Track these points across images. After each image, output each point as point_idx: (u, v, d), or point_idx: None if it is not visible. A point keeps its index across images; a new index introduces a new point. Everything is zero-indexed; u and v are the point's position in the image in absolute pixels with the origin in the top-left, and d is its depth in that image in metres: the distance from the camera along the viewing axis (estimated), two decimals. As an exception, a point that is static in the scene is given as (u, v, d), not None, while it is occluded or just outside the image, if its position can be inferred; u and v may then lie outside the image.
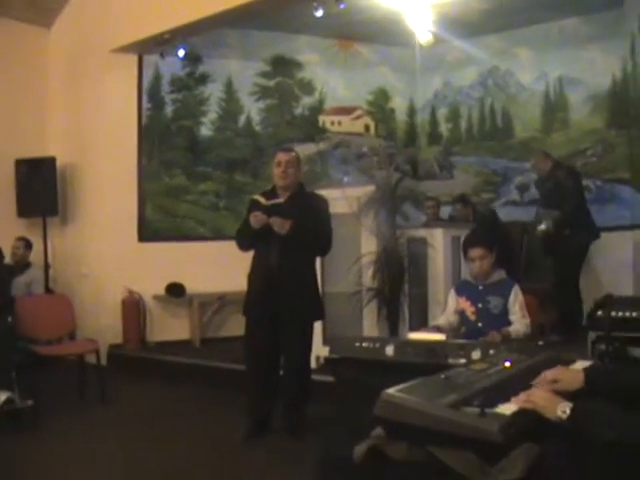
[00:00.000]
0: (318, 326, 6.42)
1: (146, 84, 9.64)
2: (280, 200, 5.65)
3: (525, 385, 2.74)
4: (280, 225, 5.47)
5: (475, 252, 5.27)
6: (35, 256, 8.90)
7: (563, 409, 2.46)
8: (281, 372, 5.82)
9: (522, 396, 2.60)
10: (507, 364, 3.11)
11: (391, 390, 2.54)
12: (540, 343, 3.92)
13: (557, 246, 7.82)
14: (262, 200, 5.65)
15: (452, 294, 5.51)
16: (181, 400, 7.35)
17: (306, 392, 5.76)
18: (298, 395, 5.76)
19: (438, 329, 5.15)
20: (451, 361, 3.81)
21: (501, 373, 2.97)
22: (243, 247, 5.79)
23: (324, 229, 5.74)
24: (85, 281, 9.37)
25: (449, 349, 3.93)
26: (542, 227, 7.79)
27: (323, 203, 5.89)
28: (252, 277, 5.77)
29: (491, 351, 3.69)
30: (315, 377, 5.95)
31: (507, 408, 2.51)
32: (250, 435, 5.72)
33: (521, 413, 2.49)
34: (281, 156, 5.73)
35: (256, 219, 5.50)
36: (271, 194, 5.77)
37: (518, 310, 5.21)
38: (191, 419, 6.58)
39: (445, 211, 9.61)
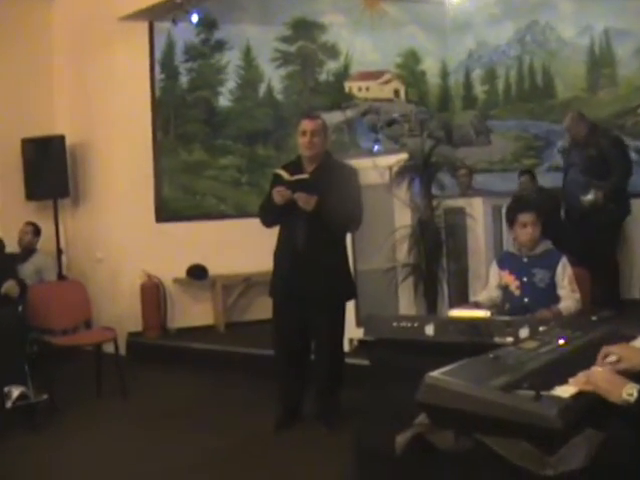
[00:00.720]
0: (350, 306, 6.38)
1: (158, 53, 9.55)
2: (305, 175, 5.54)
3: (583, 364, 2.63)
4: (305, 201, 5.38)
5: (527, 217, 5.21)
6: (46, 241, 8.89)
7: (630, 391, 2.33)
8: (312, 356, 5.75)
9: (581, 377, 2.48)
10: (561, 341, 3.02)
11: (435, 373, 2.46)
12: (594, 318, 3.81)
13: (598, 218, 7.70)
14: (285, 175, 5.55)
15: (494, 267, 5.45)
16: (206, 389, 7.32)
17: (339, 377, 5.71)
18: (331, 381, 5.70)
19: (478, 306, 5.10)
20: (497, 340, 3.75)
21: (555, 352, 2.88)
22: (267, 223, 5.74)
23: (354, 203, 5.65)
24: (100, 266, 9.35)
25: (494, 327, 3.87)
26: (589, 197, 7.69)
27: (352, 174, 5.79)
28: (277, 256, 5.72)
29: (541, 328, 3.60)
30: (349, 361, 5.93)
31: (565, 390, 2.40)
32: (281, 424, 5.71)
33: (581, 396, 2.38)
34: (306, 124, 5.62)
35: (279, 194, 5.41)
36: (296, 165, 5.68)
37: (567, 284, 5.15)
38: (217, 409, 6.55)
39: (481, 180, 9.48)
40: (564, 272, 5.16)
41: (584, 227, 7.84)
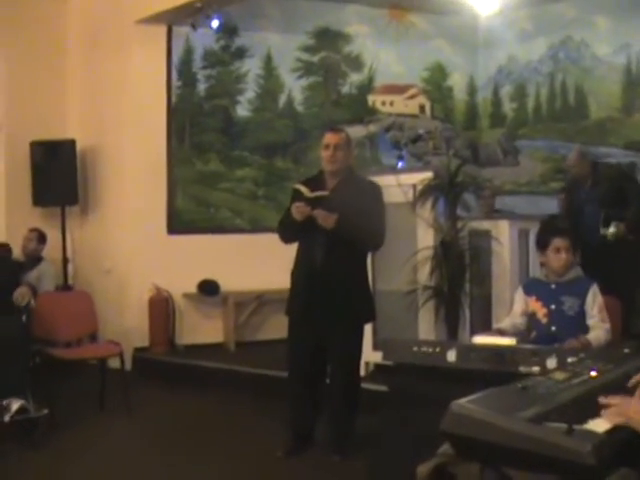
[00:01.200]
0: (368, 329, 6.35)
1: (176, 59, 9.58)
2: (325, 193, 5.51)
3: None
4: (324, 219, 5.36)
5: (561, 241, 5.15)
6: (53, 249, 8.90)
7: None
8: (327, 380, 5.71)
9: (613, 408, 2.43)
10: (593, 373, 2.96)
11: (461, 401, 2.41)
12: (626, 350, 3.76)
13: (617, 250, 7.76)
14: (305, 191, 5.52)
15: (519, 293, 5.40)
16: (214, 410, 7.28)
17: (355, 403, 5.66)
18: (346, 406, 5.66)
19: (501, 333, 5.03)
20: (523, 369, 3.71)
21: (587, 384, 2.82)
22: (285, 239, 5.74)
23: (376, 221, 5.62)
24: (108, 277, 9.33)
25: (520, 355, 3.82)
26: (612, 230, 7.71)
27: (376, 191, 5.77)
28: (295, 273, 5.70)
29: (569, 359, 3.56)
30: (365, 386, 5.87)
31: (599, 425, 2.35)
32: (291, 450, 5.66)
33: (617, 431, 2.32)
34: (329, 137, 5.61)
35: (298, 210, 5.39)
36: (317, 180, 5.66)
37: (597, 313, 5.09)
38: (225, 432, 6.51)
39: (508, 202, 9.44)
40: (594, 300, 5.10)
41: (604, 261, 7.86)
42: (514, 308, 5.41)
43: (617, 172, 8.26)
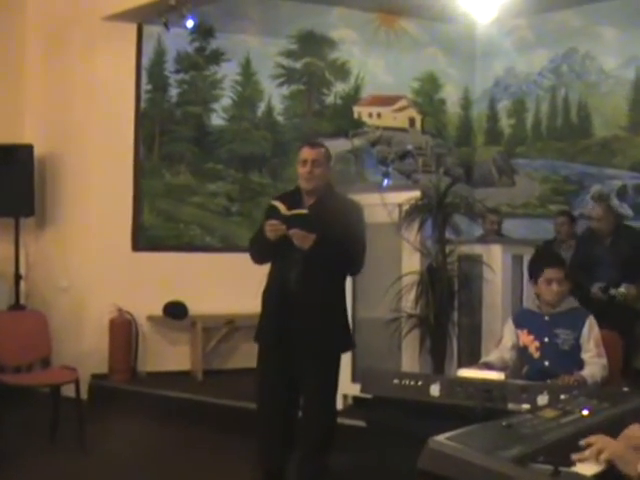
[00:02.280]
0: (347, 359, 6.34)
1: (146, 60, 9.60)
2: (304, 211, 5.50)
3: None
4: (301, 239, 5.35)
5: (553, 273, 5.20)
6: (4, 264, 8.87)
7: None
8: (300, 413, 5.71)
9: (593, 447, 2.47)
10: (585, 412, 2.99)
11: (440, 437, 2.43)
12: (625, 389, 3.80)
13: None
14: (282, 208, 5.51)
15: (509, 325, 5.46)
16: (178, 445, 7.27)
17: (329, 439, 5.63)
18: (319, 442, 5.62)
19: (489, 367, 5.06)
20: (512, 406, 3.75)
21: (578, 423, 2.86)
22: (257, 260, 5.72)
23: (357, 243, 5.62)
24: (65, 296, 9.28)
25: (509, 391, 3.87)
26: (622, 290, 7.89)
27: (357, 210, 5.78)
28: (267, 296, 5.67)
29: (562, 396, 3.59)
30: (342, 420, 5.86)
31: (587, 467, 2.38)
32: (260, 490, 5.62)
33: (605, 475, 2.35)
34: (307, 152, 5.60)
35: (272, 229, 5.38)
36: (293, 197, 5.65)
37: (593, 347, 5.14)
38: (190, 469, 6.50)
39: (507, 225, 9.47)
40: (590, 333, 5.14)
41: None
42: (503, 341, 5.45)
43: (638, 235, 8.42)
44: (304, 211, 5.47)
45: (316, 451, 5.64)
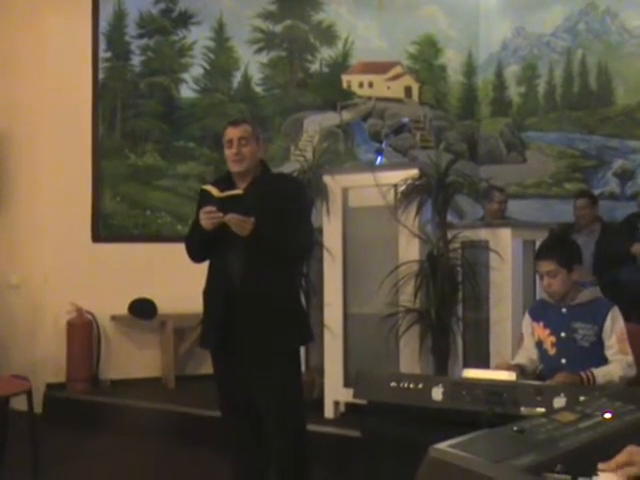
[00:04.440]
0: (338, 361, 6.35)
1: (104, 24, 9.59)
2: (239, 191, 5.47)
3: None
4: (239, 225, 5.30)
5: (545, 265, 5.22)
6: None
7: None
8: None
9: (620, 456, 2.47)
10: (607, 415, 2.98)
11: (442, 445, 2.42)
12: (654, 389, 3.82)
13: None
14: (214, 191, 5.48)
15: (526, 319, 5.46)
16: (147, 462, 7.26)
17: (301, 450, 5.60)
18: (290, 455, 5.60)
19: (522, 370, 5.07)
20: (524, 411, 3.74)
21: (599, 427, 2.84)
22: (195, 257, 5.69)
23: (301, 224, 5.61)
24: (15, 295, 9.28)
25: (521, 394, 3.87)
26: None
27: (297, 187, 5.77)
28: (208, 295, 5.64)
29: (581, 397, 3.59)
30: (333, 430, 5.87)
31: (609, 477, 2.37)
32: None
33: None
34: (231, 131, 5.56)
35: (208, 216, 5.33)
36: (225, 183, 5.62)
37: (615, 343, 5.12)
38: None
39: (511, 207, 9.47)
40: (613, 327, 5.12)
41: None
42: (524, 339, 5.44)
43: None
44: (239, 191, 5.41)
45: (288, 465, 5.61)
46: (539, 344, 5.27)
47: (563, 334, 5.16)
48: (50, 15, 9.26)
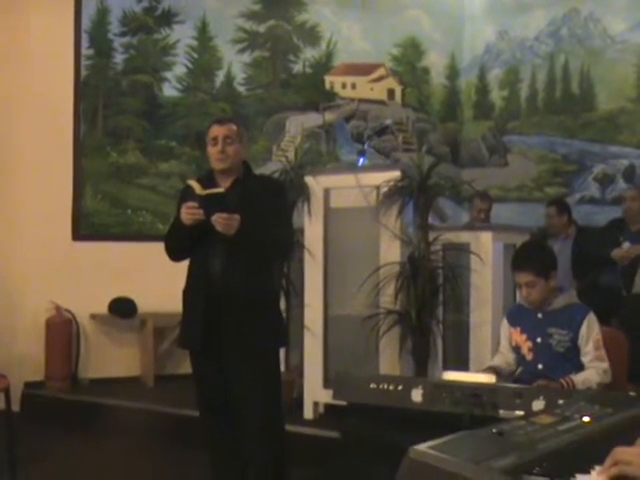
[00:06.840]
0: (318, 362, 6.35)
1: (87, 21, 9.56)
2: (220, 189, 5.45)
3: (612, 449, 2.62)
4: (226, 223, 5.29)
5: (521, 277, 5.21)
6: None
7: None
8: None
9: (608, 462, 2.48)
10: (586, 419, 3.00)
11: (421, 447, 2.43)
12: (632, 393, 3.83)
13: None
14: (197, 187, 5.47)
15: (504, 324, 5.46)
16: (127, 462, 7.24)
17: (279, 451, 5.59)
18: (268, 456, 5.59)
19: (496, 372, 5.08)
20: (504, 413, 3.75)
21: (578, 430, 2.86)
22: (175, 256, 5.67)
23: (283, 226, 5.62)
24: (-7, 293, 9.27)
25: (501, 396, 3.87)
26: None
27: (279, 189, 5.82)
28: (188, 295, 5.63)
29: (560, 400, 3.61)
30: (312, 431, 5.87)
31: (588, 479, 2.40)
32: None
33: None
34: (216, 129, 5.56)
35: (189, 212, 5.31)
36: (207, 181, 5.61)
37: (592, 349, 5.10)
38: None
39: (493, 210, 9.48)
40: (589, 334, 5.10)
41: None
42: (502, 343, 5.45)
43: None
44: (221, 190, 5.40)
45: (266, 467, 5.61)
46: (517, 349, 5.27)
47: (539, 339, 5.16)
48: (32, 12, 9.22)
